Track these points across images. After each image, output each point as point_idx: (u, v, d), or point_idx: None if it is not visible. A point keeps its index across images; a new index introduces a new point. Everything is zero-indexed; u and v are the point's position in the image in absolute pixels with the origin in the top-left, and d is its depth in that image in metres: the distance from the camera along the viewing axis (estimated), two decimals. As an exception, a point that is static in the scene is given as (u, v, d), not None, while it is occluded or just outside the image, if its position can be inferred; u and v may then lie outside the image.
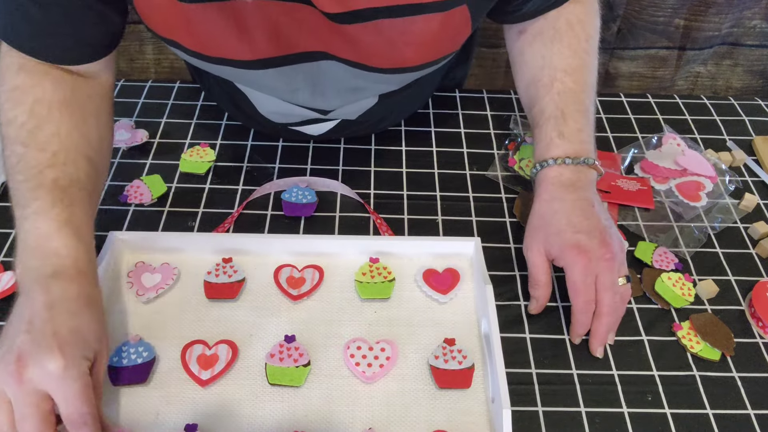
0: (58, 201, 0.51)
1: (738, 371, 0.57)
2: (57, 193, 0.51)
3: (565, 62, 0.64)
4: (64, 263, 0.49)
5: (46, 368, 0.43)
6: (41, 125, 0.53)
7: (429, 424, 0.51)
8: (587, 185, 0.61)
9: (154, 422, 0.51)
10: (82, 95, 0.57)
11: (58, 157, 0.53)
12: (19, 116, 0.54)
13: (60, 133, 0.54)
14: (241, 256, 0.61)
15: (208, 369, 0.53)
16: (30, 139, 0.53)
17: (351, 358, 0.54)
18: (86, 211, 0.53)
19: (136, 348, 0.54)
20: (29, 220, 0.50)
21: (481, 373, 0.55)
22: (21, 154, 0.53)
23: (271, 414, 0.51)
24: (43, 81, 0.55)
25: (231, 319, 0.57)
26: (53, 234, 0.50)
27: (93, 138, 0.57)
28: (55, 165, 0.52)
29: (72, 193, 0.52)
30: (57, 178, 0.52)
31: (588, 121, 0.64)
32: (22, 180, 0.52)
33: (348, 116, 0.72)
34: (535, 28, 0.66)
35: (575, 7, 0.65)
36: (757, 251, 0.68)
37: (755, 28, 1.21)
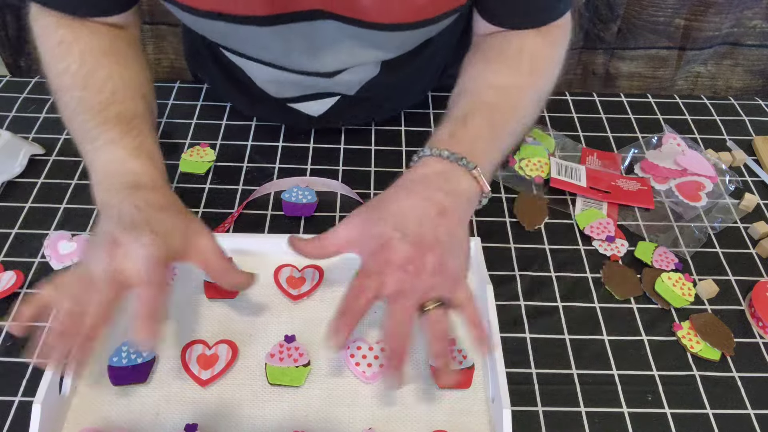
0: (126, 132, 0.54)
1: (738, 371, 0.57)
2: (123, 126, 0.54)
3: (496, 79, 0.59)
4: (142, 179, 0.52)
5: (140, 240, 0.46)
6: (94, 70, 0.56)
7: (429, 424, 0.51)
8: (452, 193, 0.51)
9: (154, 422, 0.51)
10: (121, 43, 0.60)
11: (117, 95, 0.56)
12: (71, 65, 0.56)
13: (113, 75, 0.57)
14: (241, 256, 0.61)
15: (208, 369, 0.53)
16: (86, 83, 0.56)
17: (351, 358, 0.54)
18: (154, 139, 0.56)
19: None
20: (101, 150, 0.53)
21: (481, 373, 0.55)
22: (80, 97, 0.56)
23: (271, 414, 0.51)
24: (84, 33, 0.58)
25: (231, 318, 0.57)
26: (127, 159, 0.53)
27: (142, 78, 0.60)
28: (116, 102, 0.55)
29: (137, 124, 0.55)
30: (120, 113, 0.55)
31: (492, 136, 0.56)
32: (86, 119, 0.55)
33: (348, 90, 0.71)
34: (487, 45, 0.62)
35: (537, 40, 0.61)
36: (757, 251, 0.68)
37: (755, 28, 1.21)
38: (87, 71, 0.56)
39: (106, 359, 0.53)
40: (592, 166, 0.76)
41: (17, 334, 0.47)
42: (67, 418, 0.50)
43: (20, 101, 0.81)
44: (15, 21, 1.21)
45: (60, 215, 0.68)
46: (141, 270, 0.46)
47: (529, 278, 0.64)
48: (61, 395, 0.50)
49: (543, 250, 0.67)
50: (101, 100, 0.55)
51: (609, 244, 0.67)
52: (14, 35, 1.23)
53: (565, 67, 0.64)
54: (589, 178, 0.73)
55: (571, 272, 0.65)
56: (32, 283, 0.61)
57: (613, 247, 0.67)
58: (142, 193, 0.51)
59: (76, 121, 0.56)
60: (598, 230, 0.68)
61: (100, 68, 0.57)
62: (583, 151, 0.78)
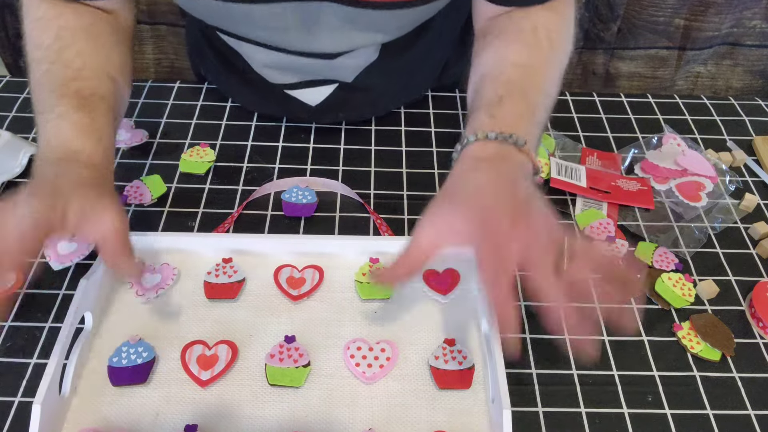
0: (81, 107, 0.54)
1: (738, 372, 0.57)
2: (79, 101, 0.55)
3: (519, 58, 0.59)
4: (79, 157, 0.52)
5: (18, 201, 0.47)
6: (66, 46, 0.57)
7: (429, 425, 0.51)
8: (514, 166, 0.50)
9: (154, 422, 0.50)
10: (104, 26, 0.61)
11: (82, 72, 0.56)
12: (45, 40, 0.58)
13: (84, 53, 0.58)
14: (241, 256, 0.61)
15: (208, 369, 0.53)
16: (56, 57, 0.57)
17: (351, 359, 0.54)
18: (108, 119, 0.56)
19: (135, 348, 0.54)
20: (51, 122, 0.54)
21: (481, 374, 0.55)
22: (47, 69, 0.57)
23: (271, 414, 0.51)
24: (66, 11, 0.59)
25: (231, 319, 0.57)
26: (74, 137, 0.53)
27: (115, 61, 0.60)
28: (79, 78, 0.56)
29: (93, 101, 0.56)
30: (80, 89, 0.55)
31: (530, 112, 0.55)
32: (46, 91, 0.56)
33: (346, 77, 0.71)
34: (499, 29, 0.62)
35: (546, 14, 0.61)
36: (758, 251, 0.68)
37: (755, 28, 1.21)
38: (59, 47, 0.57)
39: (106, 360, 0.53)
40: (592, 166, 0.76)
41: None
42: (67, 418, 0.50)
43: (20, 101, 0.81)
44: (15, 21, 1.21)
45: (60, 215, 0.68)
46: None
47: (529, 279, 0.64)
48: (60, 395, 0.50)
49: (543, 251, 0.67)
50: (65, 75, 0.56)
51: (609, 245, 0.67)
52: (14, 35, 1.23)
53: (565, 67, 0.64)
54: (589, 178, 0.73)
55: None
56: (32, 283, 0.61)
57: (614, 248, 0.67)
58: (69, 166, 0.51)
59: (39, 92, 0.57)
60: (598, 230, 0.68)
61: (73, 45, 0.58)
62: (583, 151, 0.78)
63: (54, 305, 0.59)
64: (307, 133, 0.78)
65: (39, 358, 0.55)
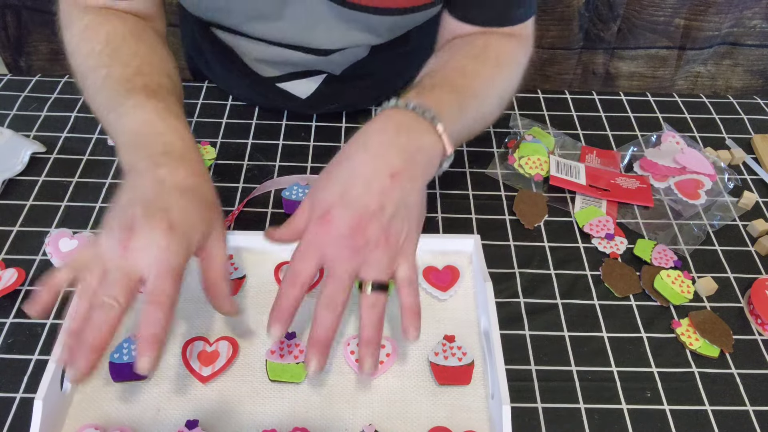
0: (152, 97, 0.52)
1: (737, 368, 0.57)
2: (149, 92, 0.53)
3: (463, 65, 0.59)
4: (170, 146, 0.49)
5: (155, 240, 0.43)
6: (119, 47, 0.56)
7: (429, 421, 0.51)
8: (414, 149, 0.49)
9: (155, 418, 0.51)
10: (147, 30, 0.60)
11: (142, 69, 0.55)
12: (96, 46, 0.56)
13: (138, 53, 0.56)
14: (242, 253, 0.61)
15: (209, 365, 0.53)
16: (112, 60, 0.55)
17: (351, 355, 0.54)
18: (180, 108, 0.54)
19: (136, 344, 0.54)
20: (128, 114, 0.51)
21: (480, 370, 0.55)
22: (105, 74, 0.54)
23: (272, 410, 0.52)
24: (111, 18, 0.59)
25: (232, 315, 0.57)
26: (156, 120, 0.50)
27: (169, 62, 0.59)
28: (142, 74, 0.54)
29: (162, 93, 0.54)
30: (146, 84, 0.53)
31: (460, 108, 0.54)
32: (111, 92, 0.53)
33: (334, 69, 0.71)
34: (454, 45, 0.63)
35: (503, 40, 0.63)
36: (756, 249, 0.68)
37: (755, 28, 1.21)
38: (112, 49, 0.56)
39: (107, 356, 0.53)
40: (592, 164, 0.76)
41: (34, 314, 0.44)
42: (69, 414, 0.51)
43: (21, 99, 0.81)
44: (15, 21, 1.21)
45: (61, 213, 0.68)
46: (152, 278, 0.43)
47: (528, 275, 0.64)
48: (62, 391, 0.50)
49: (542, 248, 0.67)
50: (127, 73, 0.54)
51: (608, 242, 0.67)
52: (14, 35, 1.23)
53: (566, 67, 0.65)
54: (589, 176, 0.74)
55: (571, 270, 0.65)
56: (33, 280, 0.61)
57: (613, 245, 0.67)
58: (168, 165, 0.47)
59: (100, 96, 0.54)
60: (598, 228, 0.68)
61: (126, 46, 0.56)
62: (582, 149, 0.78)
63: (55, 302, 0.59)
64: (308, 131, 0.79)
65: (40, 354, 0.56)
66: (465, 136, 0.58)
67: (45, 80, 0.84)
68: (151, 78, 0.54)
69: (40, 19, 1.20)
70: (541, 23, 1.18)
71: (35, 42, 1.24)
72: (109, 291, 0.42)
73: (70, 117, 0.79)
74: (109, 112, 0.53)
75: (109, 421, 0.50)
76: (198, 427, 0.49)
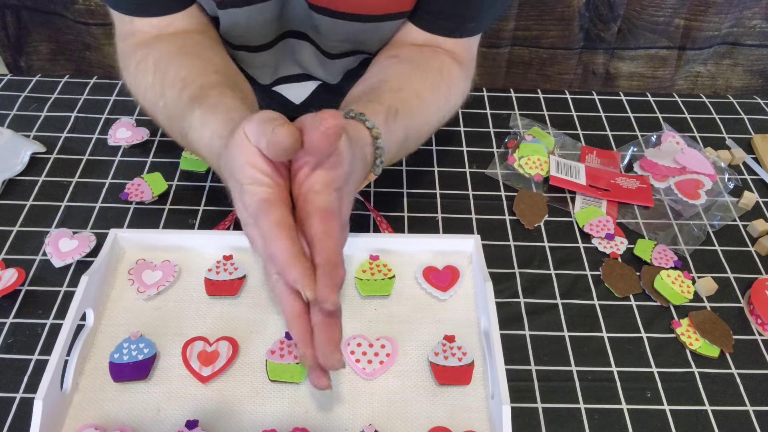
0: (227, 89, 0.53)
1: (737, 368, 0.58)
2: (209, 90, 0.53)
3: (421, 88, 0.59)
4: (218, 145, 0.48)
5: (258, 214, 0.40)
6: (166, 71, 0.57)
7: (429, 421, 0.51)
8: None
9: (155, 418, 0.51)
10: (195, 42, 0.61)
11: (189, 78, 0.55)
12: (148, 78, 0.58)
13: (184, 65, 0.57)
14: (242, 253, 0.61)
15: (209, 365, 0.53)
16: (162, 89, 0.56)
17: (351, 355, 0.54)
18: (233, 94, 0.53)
19: (136, 344, 0.54)
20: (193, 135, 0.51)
21: (480, 370, 0.55)
22: (164, 103, 0.56)
23: (272, 410, 0.52)
24: (158, 44, 0.59)
25: (231, 316, 0.57)
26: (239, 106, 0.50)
27: (217, 61, 0.59)
28: (190, 84, 0.54)
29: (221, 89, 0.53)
30: (203, 84, 0.54)
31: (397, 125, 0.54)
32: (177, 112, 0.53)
33: (329, 79, 0.72)
34: (407, 55, 0.62)
35: (454, 65, 0.63)
36: (756, 249, 0.68)
37: (755, 28, 1.21)
38: (161, 76, 0.57)
39: (107, 356, 0.53)
40: (592, 164, 0.76)
41: None
42: (69, 414, 0.51)
43: (21, 99, 0.81)
44: (15, 21, 1.21)
45: (61, 213, 0.68)
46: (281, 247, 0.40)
47: (528, 276, 0.64)
48: (62, 391, 0.50)
49: (542, 248, 0.67)
50: (178, 87, 0.55)
51: (608, 242, 0.67)
52: (14, 35, 1.23)
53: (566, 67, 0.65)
54: (589, 176, 0.74)
55: (571, 270, 0.65)
56: (33, 280, 0.61)
57: (613, 245, 0.67)
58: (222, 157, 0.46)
59: (171, 124, 0.55)
60: (598, 228, 0.68)
61: (171, 67, 0.57)
62: (582, 149, 0.78)
63: (55, 302, 0.60)
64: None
65: (40, 354, 0.56)
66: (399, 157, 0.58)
67: (45, 80, 0.84)
68: (202, 80, 0.54)
69: (40, 19, 1.20)
70: (541, 23, 1.18)
71: (35, 42, 1.24)
72: None
73: (70, 117, 0.79)
74: (183, 136, 0.54)
75: (109, 421, 0.50)
76: (198, 427, 0.49)
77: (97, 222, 0.67)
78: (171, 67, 0.57)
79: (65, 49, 1.26)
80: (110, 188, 0.71)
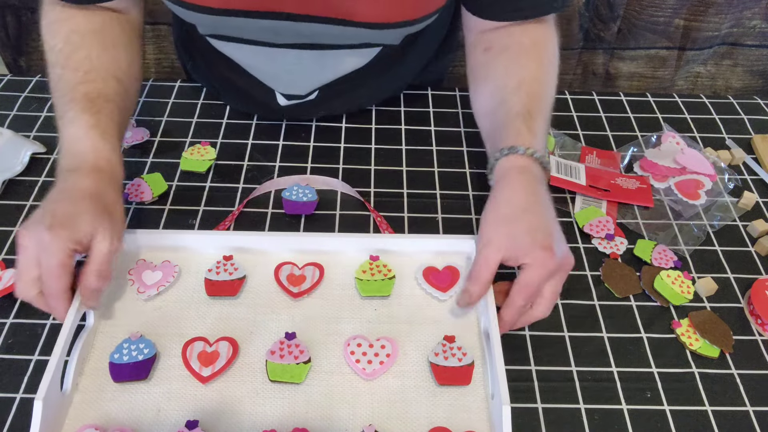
0: (87, 109, 0.59)
1: (737, 368, 0.58)
2: (86, 104, 0.59)
3: (532, 72, 0.65)
4: (85, 159, 0.57)
5: (41, 240, 0.50)
6: (75, 50, 0.61)
7: (429, 421, 0.51)
8: (545, 184, 0.60)
9: (155, 418, 0.51)
10: (114, 27, 0.64)
11: (89, 75, 0.61)
12: (57, 44, 0.62)
13: (91, 56, 0.61)
14: (242, 253, 0.61)
15: (209, 366, 0.53)
16: (66, 62, 0.61)
17: (351, 355, 0.54)
18: (113, 118, 0.60)
19: (136, 345, 0.54)
20: (65, 127, 0.59)
21: (480, 370, 0.55)
22: (59, 74, 0.61)
23: (272, 410, 0.52)
24: (77, 14, 0.63)
25: (232, 316, 0.57)
26: (81, 137, 0.57)
27: (122, 62, 0.64)
28: (86, 82, 0.60)
29: (99, 103, 0.60)
30: (87, 92, 0.60)
31: (546, 127, 0.64)
32: (60, 96, 0.60)
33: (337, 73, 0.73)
34: (501, 45, 0.67)
35: (538, 27, 0.67)
36: (756, 249, 0.68)
37: (755, 28, 1.21)
38: (69, 50, 0.61)
39: (107, 356, 0.53)
40: (592, 164, 0.76)
41: None
42: (69, 414, 0.51)
43: (21, 99, 0.81)
44: (15, 21, 1.21)
45: (61, 213, 0.68)
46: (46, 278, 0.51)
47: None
48: (62, 392, 0.50)
49: (542, 248, 0.67)
50: (74, 79, 0.60)
51: (608, 242, 0.67)
52: (14, 35, 1.23)
53: (565, 67, 0.66)
54: (589, 176, 0.74)
55: (571, 270, 0.65)
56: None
57: (613, 245, 0.67)
58: (74, 177, 0.55)
59: (55, 97, 0.61)
60: (598, 228, 0.68)
61: (81, 48, 0.61)
62: (582, 149, 0.78)
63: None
64: (308, 131, 0.79)
65: (40, 354, 0.56)
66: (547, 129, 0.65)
67: (45, 80, 0.83)
68: (94, 85, 0.60)
69: (40, 20, 1.21)
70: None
71: (35, 42, 1.24)
72: None
73: (70, 117, 0.79)
74: (57, 118, 0.60)
75: (109, 422, 0.50)
76: (198, 428, 0.49)
77: (97, 222, 0.67)
78: (81, 49, 0.61)
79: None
80: (110, 188, 0.71)
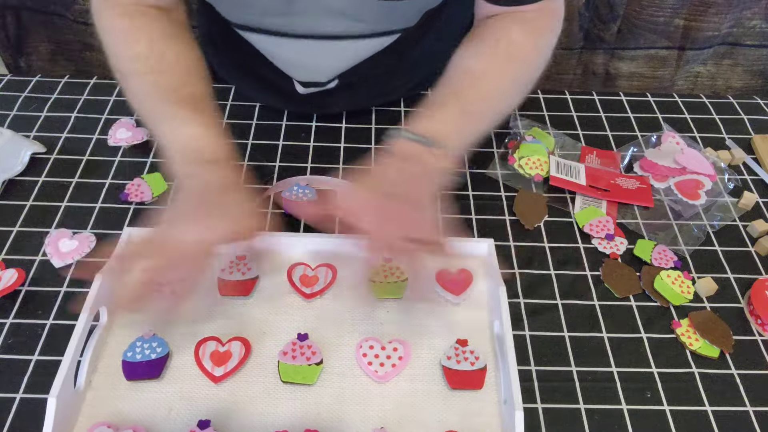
0: (199, 111, 0.59)
1: (737, 368, 0.58)
2: (195, 105, 0.60)
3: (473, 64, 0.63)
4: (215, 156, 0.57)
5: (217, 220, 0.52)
6: (163, 53, 0.61)
7: (441, 425, 0.51)
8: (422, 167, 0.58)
9: (167, 417, 0.51)
10: (176, 26, 0.65)
11: (188, 77, 0.62)
12: (141, 51, 0.61)
13: (180, 57, 0.62)
14: (255, 254, 0.61)
15: (221, 365, 0.53)
16: (159, 67, 0.61)
17: (363, 357, 0.54)
18: (215, 115, 0.61)
19: (149, 343, 0.54)
20: (179, 128, 0.58)
21: (493, 375, 0.55)
22: (153, 80, 0.61)
23: (283, 411, 0.52)
24: (145, 21, 0.63)
25: (244, 316, 0.58)
26: (202, 135, 0.58)
27: (200, 59, 0.64)
28: (187, 84, 0.61)
29: (205, 103, 0.61)
30: (192, 94, 0.60)
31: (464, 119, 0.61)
32: (160, 100, 0.60)
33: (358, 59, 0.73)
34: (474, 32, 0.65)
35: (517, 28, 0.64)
36: (756, 249, 0.68)
37: (755, 28, 1.21)
38: (157, 55, 0.61)
39: (120, 354, 0.53)
40: (592, 164, 0.76)
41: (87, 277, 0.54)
42: (82, 411, 0.51)
43: (21, 100, 0.81)
44: (15, 21, 1.20)
45: (61, 213, 0.68)
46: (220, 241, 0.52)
47: (528, 276, 0.64)
48: (75, 389, 0.50)
49: (542, 248, 0.67)
50: (173, 82, 0.60)
51: (608, 242, 0.68)
52: (14, 35, 1.22)
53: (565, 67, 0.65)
54: (589, 176, 0.74)
55: (571, 270, 0.65)
56: (33, 280, 0.61)
57: (613, 245, 0.67)
58: (213, 168, 0.56)
59: (148, 102, 0.61)
60: (598, 228, 0.69)
61: (168, 51, 0.61)
62: (582, 149, 0.79)
63: (55, 303, 0.59)
64: (308, 131, 0.79)
65: (40, 355, 0.56)
66: (474, 138, 0.62)
67: (45, 80, 0.84)
68: (195, 87, 0.61)
69: (40, 19, 1.19)
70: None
71: (35, 42, 1.23)
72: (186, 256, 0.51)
73: (70, 117, 0.79)
74: (161, 121, 0.60)
75: (122, 420, 0.50)
76: (210, 427, 0.50)
77: (97, 222, 0.67)
78: (168, 51, 0.61)
79: (65, 50, 1.25)
80: (110, 188, 0.70)
